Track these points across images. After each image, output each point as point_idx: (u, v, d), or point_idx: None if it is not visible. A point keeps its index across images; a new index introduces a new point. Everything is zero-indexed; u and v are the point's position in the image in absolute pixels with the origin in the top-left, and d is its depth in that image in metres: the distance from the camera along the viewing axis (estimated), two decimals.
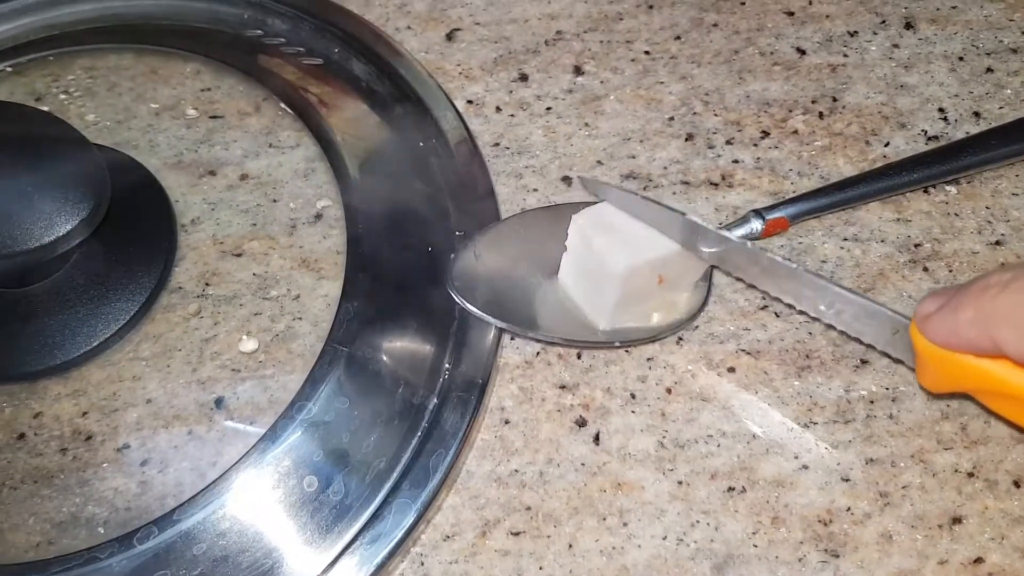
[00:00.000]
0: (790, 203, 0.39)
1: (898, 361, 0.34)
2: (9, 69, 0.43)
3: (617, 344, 0.37)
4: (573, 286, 0.37)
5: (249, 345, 0.36)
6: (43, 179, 0.32)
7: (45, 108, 0.41)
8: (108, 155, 0.35)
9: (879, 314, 0.32)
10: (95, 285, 0.36)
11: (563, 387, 0.36)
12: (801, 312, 0.35)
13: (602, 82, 0.45)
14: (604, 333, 0.36)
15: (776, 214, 0.38)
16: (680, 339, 0.37)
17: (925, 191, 0.41)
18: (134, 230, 0.37)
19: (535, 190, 0.41)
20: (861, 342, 0.33)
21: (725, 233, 0.34)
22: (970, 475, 0.34)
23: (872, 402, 0.36)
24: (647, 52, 0.46)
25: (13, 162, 0.32)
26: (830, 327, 0.34)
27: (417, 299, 0.37)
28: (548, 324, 0.36)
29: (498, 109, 0.44)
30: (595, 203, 0.36)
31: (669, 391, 0.36)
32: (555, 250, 0.37)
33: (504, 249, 0.38)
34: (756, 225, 0.38)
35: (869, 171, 0.40)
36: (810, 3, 0.47)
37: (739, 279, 0.37)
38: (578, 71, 0.45)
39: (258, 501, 0.32)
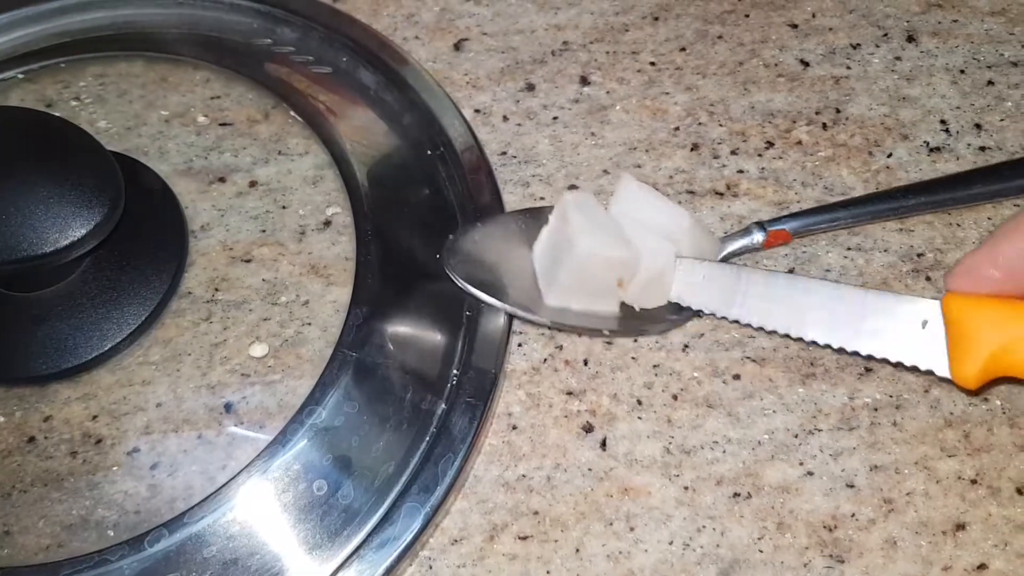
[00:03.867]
0: (793, 217, 0.39)
1: (928, 373, 0.32)
2: (20, 76, 0.43)
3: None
4: (539, 256, 0.37)
5: (259, 350, 0.36)
6: (58, 184, 0.32)
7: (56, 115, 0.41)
8: (120, 161, 0.35)
9: (902, 302, 0.32)
10: (106, 290, 0.36)
11: (570, 393, 0.37)
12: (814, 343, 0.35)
13: (608, 92, 0.45)
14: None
15: (778, 227, 0.39)
16: (686, 346, 0.38)
17: None
18: (146, 235, 0.37)
19: (542, 198, 0.42)
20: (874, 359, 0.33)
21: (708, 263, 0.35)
22: (973, 482, 0.34)
23: (876, 409, 0.36)
24: (652, 63, 0.46)
25: (29, 167, 0.33)
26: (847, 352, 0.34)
27: (425, 305, 0.37)
28: (512, 297, 0.36)
29: (505, 118, 0.44)
30: None
31: (675, 398, 0.36)
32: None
33: (502, 234, 0.38)
34: (758, 237, 0.38)
35: (875, 192, 0.40)
36: (813, 16, 0.48)
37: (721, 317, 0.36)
38: (584, 81, 0.45)
39: (268, 505, 0.33)
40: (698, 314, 0.37)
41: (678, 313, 0.37)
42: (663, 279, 0.36)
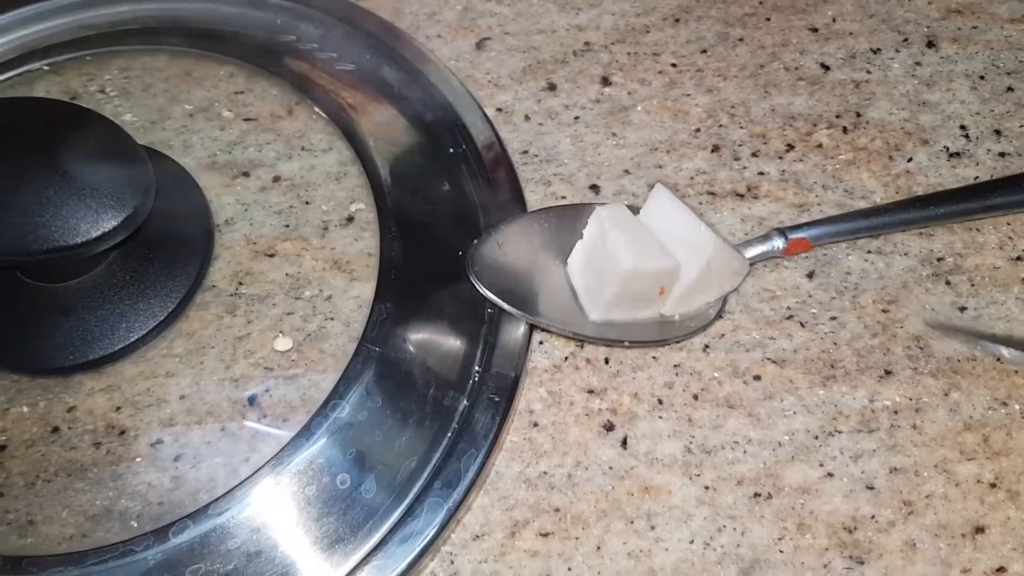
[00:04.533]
0: (814, 225, 0.39)
1: None
2: (46, 68, 0.43)
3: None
4: (578, 273, 0.37)
5: (282, 344, 0.36)
6: (90, 176, 0.33)
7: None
8: (147, 154, 0.36)
9: None
10: (132, 282, 0.36)
11: (591, 391, 0.37)
12: None
13: (629, 93, 0.45)
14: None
15: (799, 234, 0.39)
16: (707, 347, 0.38)
17: None
18: (172, 229, 0.38)
19: (563, 197, 0.42)
20: None
21: None
22: (992, 485, 0.35)
23: (896, 412, 0.36)
24: (674, 65, 0.46)
25: (62, 158, 0.33)
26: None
27: (448, 302, 0.38)
28: (545, 310, 0.37)
29: (527, 117, 0.44)
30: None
31: (696, 397, 0.37)
32: (574, 244, 0.38)
33: (526, 239, 0.38)
34: (778, 243, 0.39)
35: (895, 202, 0.40)
36: (834, 20, 0.48)
37: None
38: (606, 82, 0.46)
39: (292, 497, 0.33)
40: (720, 316, 0.38)
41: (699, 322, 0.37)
42: (701, 283, 0.36)
